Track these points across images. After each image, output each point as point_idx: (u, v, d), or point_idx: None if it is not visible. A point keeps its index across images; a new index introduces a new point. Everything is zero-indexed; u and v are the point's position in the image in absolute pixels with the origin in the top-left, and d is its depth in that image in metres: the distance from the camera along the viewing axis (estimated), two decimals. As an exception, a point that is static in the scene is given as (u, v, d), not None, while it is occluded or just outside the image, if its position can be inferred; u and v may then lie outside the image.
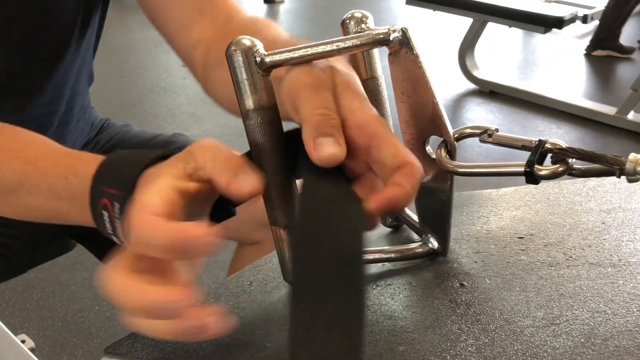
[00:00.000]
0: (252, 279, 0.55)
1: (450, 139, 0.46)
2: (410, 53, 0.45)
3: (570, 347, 0.36)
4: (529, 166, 0.41)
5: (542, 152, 0.41)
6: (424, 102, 0.46)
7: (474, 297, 0.44)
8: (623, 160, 0.38)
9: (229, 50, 0.43)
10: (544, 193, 0.61)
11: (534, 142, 0.42)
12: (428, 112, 0.46)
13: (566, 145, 0.41)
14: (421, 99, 0.46)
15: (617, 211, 0.53)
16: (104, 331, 1.55)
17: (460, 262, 0.49)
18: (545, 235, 0.51)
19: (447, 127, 0.46)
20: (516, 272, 0.46)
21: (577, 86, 3.19)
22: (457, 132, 0.46)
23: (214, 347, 0.45)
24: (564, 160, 0.41)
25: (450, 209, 0.48)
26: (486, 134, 0.45)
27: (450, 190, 0.48)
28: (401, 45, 0.45)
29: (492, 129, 0.45)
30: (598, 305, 0.40)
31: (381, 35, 0.44)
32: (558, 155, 0.41)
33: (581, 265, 0.45)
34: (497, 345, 0.38)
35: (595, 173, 0.40)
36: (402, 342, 0.40)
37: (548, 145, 0.41)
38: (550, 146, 0.41)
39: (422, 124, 0.47)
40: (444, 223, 0.49)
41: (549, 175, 0.41)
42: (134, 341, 0.49)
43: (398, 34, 0.45)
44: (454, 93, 3.06)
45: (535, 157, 0.41)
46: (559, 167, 0.41)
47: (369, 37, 0.44)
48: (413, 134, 0.48)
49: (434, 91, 0.45)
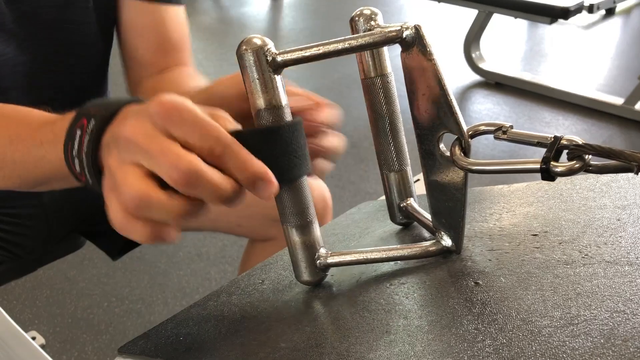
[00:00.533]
0: (264, 277, 0.55)
1: (465, 136, 0.45)
2: (423, 50, 0.45)
3: (590, 347, 0.36)
4: (545, 163, 0.40)
5: (558, 149, 0.41)
6: (437, 99, 0.46)
7: (490, 296, 0.44)
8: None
9: (239, 50, 0.43)
10: (556, 189, 0.60)
11: (550, 138, 0.41)
12: (442, 109, 0.46)
13: (582, 141, 0.40)
14: (434, 96, 0.46)
15: (632, 207, 0.53)
16: (114, 327, 1.55)
17: (474, 260, 0.49)
18: (559, 232, 0.51)
19: (462, 124, 0.45)
20: (531, 270, 0.46)
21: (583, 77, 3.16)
22: (471, 129, 0.46)
23: (228, 347, 0.45)
24: (580, 157, 0.40)
25: (464, 206, 0.48)
26: (500, 131, 0.44)
27: (465, 187, 0.47)
28: (414, 43, 0.45)
29: (506, 126, 0.44)
30: (617, 304, 0.39)
31: (394, 33, 0.44)
32: (574, 152, 0.40)
33: (597, 263, 0.45)
34: (514, 345, 0.37)
35: (612, 169, 0.39)
36: (419, 342, 0.40)
37: (564, 141, 0.41)
38: (567, 142, 0.41)
39: (436, 121, 0.47)
40: (457, 220, 0.49)
41: (565, 172, 0.40)
42: (148, 340, 0.49)
43: (411, 31, 0.44)
44: (460, 85, 3.05)
45: (552, 153, 0.41)
46: (575, 163, 0.40)
47: (382, 34, 0.44)
48: (426, 132, 0.48)
49: (448, 88, 0.45)
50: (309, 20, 4.04)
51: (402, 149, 0.54)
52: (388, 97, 0.52)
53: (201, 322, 0.50)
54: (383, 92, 0.52)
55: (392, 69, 0.52)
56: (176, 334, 0.49)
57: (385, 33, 0.44)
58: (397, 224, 0.58)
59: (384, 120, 0.52)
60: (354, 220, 0.66)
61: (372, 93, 0.52)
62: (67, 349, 1.49)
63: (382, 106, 0.52)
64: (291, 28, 3.89)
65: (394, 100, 0.53)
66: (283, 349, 0.43)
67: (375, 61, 0.51)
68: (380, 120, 0.52)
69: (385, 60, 0.52)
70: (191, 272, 1.78)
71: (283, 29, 3.98)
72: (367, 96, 0.52)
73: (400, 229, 0.58)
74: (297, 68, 0.47)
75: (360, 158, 2.34)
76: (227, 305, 0.51)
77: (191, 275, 1.77)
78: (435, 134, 0.47)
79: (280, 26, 4.06)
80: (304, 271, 0.49)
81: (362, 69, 0.51)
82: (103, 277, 1.75)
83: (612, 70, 3.29)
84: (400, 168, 0.55)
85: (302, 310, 0.48)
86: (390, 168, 0.54)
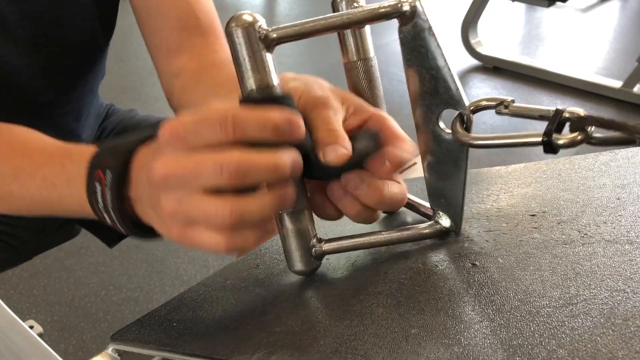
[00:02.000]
0: (258, 262, 0.54)
1: (467, 111, 0.44)
2: (423, 23, 0.43)
3: (590, 327, 0.35)
4: (547, 135, 0.40)
5: (560, 121, 0.40)
6: (437, 74, 0.45)
7: (487, 277, 0.43)
8: None
9: (228, 27, 0.41)
10: (554, 169, 0.60)
11: (552, 111, 0.40)
12: (443, 84, 0.45)
13: (585, 113, 0.39)
14: (434, 71, 0.45)
15: (632, 186, 0.52)
16: (111, 315, 1.55)
17: (471, 241, 0.48)
18: (558, 212, 0.50)
19: (464, 99, 0.44)
20: (529, 250, 0.45)
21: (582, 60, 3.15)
22: (472, 104, 0.45)
23: (222, 332, 0.44)
24: (582, 129, 0.39)
25: (464, 185, 0.47)
26: (502, 106, 0.43)
27: (465, 164, 0.46)
28: (413, 16, 0.43)
29: (508, 100, 0.43)
30: (616, 283, 0.39)
31: (393, 7, 0.43)
32: (577, 124, 0.39)
33: (597, 242, 0.44)
34: (512, 326, 0.37)
35: (614, 142, 0.39)
36: (415, 324, 0.39)
37: (566, 114, 0.40)
38: (569, 115, 0.40)
39: (436, 98, 0.46)
40: (457, 199, 0.48)
41: (568, 144, 0.39)
42: (141, 327, 0.49)
43: (410, 5, 0.43)
44: (458, 70, 3.03)
45: (554, 126, 0.40)
46: (577, 135, 0.39)
47: (380, 9, 0.43)
48: (425, 110, 0.47)
49: (449, 62, 0.44)
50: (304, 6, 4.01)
51: None
52: (371, 81, 0.51)
53: (195, 307, 0.49)
54: (366, 76, 0.50)
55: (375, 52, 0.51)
56: (169, 319, 0.48)
57: (383, 7, 0.43)
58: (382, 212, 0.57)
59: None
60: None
61: (354, 77, 0.50)
62: (65, 338, 1.49)
63: (365, 91, 0.51)
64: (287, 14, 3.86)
65: (377, 84, 0.51)
66: (277, 333, 0.42)
67: (358, 44, 0.50)
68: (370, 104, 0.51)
69: (367, 43, 0.50)
70: (189, 260, 1.78)
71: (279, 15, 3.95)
72: (349, 80, 0.51)
73: (384, 216, 0.57)
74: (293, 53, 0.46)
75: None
76: (222, 290, 0.50)
77: (189, 263, 1.77)
78: (436, 111, 0.46)
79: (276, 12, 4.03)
80: (298, 260, 0.47)
81: (345, 53, 0.50)
82: (100, 265, 1.74)
83: (610, 53, 3.27)
84: None
85: (297, 294, 0.47)
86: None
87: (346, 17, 0.42)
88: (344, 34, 0.49)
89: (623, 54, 3.16)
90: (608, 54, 3.25)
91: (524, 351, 0.34)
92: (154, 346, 0.46)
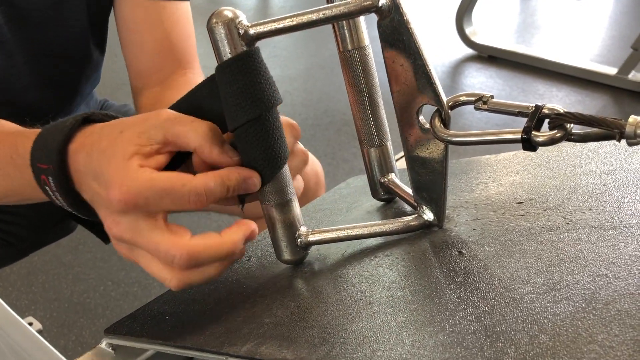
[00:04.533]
0: (250, 254, 0.55)
1: (445, 107, 0.45)
2: (400, 18, 0.44)
3: (571, 312, 0.35)
4: (526, 133, 0.40)
5: (539, 118, 0.40)
6: (416, 70, 0.45)
7: (473, 265, 0.43)
8: (623, 124, 0.37)
9: (210, 23, 0.42)
10: (543, 157, 0.60)
11: (531, 107, 0.41)
12: (421, 79, 0.45)
13: (564, 109, 0.40)
14: (413, 67, 0.45)
15: (617, 172, 0.52)
16: (110, 311, 1.56)
17: (458, 229, 0.49)
18: (544, 199, 0.51)
19: (441, 95, 0.44)
20: (515, 238, 0.45)
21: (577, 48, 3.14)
22: (450, 100, 0.45)
23: (213, 324, 0.45)
24: (561, 126, 0.39)
25: (445, 180, 0.47)
26: (481, 101, 0.44)
27: (445, 160, 0.47)
28: (390, 11, 0.44)
29: (486, 96, 0.44)
30: (599, 268, 0.39)
31: (369, 2, 0.43)
32: (556, 121, 0.40)
33: (581, 228, 0.45)
34: (496, 313, 0.37)
35: (594, 137, 0.39)
36: (401, 312, 0.40)
37: (545, 110, 0.40)
38: (548, 111, 0.40)
39: (415, 93, 0.46)
40: (439, 194, 0.48)
41: (547, 142, 0.39)
42: (134, 321, 0.49)
43: (386, 1, 0.43)
44: (452, 59, 3.02)
45: (533, 123, 0.40)
46: (556, 132, 0.39)
47: (357, 4, 0.43)
48: (405, 104, 0.47)
49: (426, 57, 0.44)
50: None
51: (382, 124, 0.53)
52: (366, 70, 0.51)
53: (187, 300, 0.50)
54: (361, 65, 0.51)
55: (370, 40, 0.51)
56: (162, 313, 0.49)
57: (360, 2, 0.43)
58: (379, 200, 0.58)
59: (363, 94, 0.51)
60: (342, 195, 0.66)
61: (349, 66, 0.51)
62: (64, 334, 1.49)
63: (360, 80, 0.51)
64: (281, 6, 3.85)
65: (373, 73, 0.52)
66: (267, 324, 0.43)
67: (352, 33, 0.50)
68: (358, 94, 0.52)
69: (362, 31, 0.50)
70: (187, 254, 1.78)
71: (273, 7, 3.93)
72: (344, 70, 0.51)
73: (381, 204, 0.58)
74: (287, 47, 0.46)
75: (354, 136, 2.32)
76: (213, 283, 0.51)
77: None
78: (415, 106, 0.46)
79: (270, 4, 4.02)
80: (284, 250, 0.48)
81: (339, 42, 0.50)
82: (98, 261, 1.75)
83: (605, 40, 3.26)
84: (381, 143, 0.54)
85: (287, 285, 0.48)
86: (371, 143, 0.54)
87: (322, 13, 0.42)
88: (339, 23, 0.49)
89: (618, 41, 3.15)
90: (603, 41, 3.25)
91: (507, 337, 0.35)
92: (146, 339, 0.46)
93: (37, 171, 0.45)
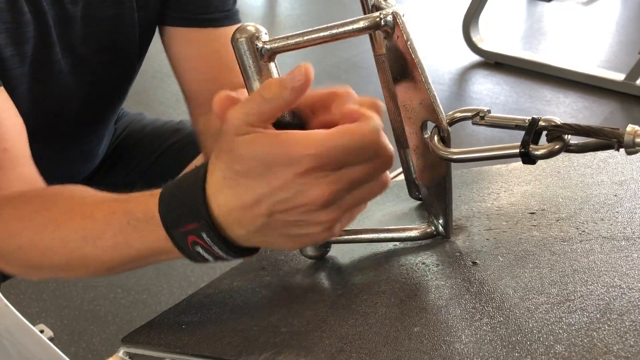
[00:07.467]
0: (264, 264, 0.55)
1: (443, 125, 0.45)
2: (402, 38, 0.44)
3: (586, 322, 0.36)
4: (524, 146, 0.40)
5: (536, 131, 0.40)
6: (416, 87, 0.45)
7: (487, 275, 0.44)
8: (621, 133, 0.37)
9: (234, 37, 0.43)
10: (554, 167, 0.60)
11: (527, 120, 0.41)
12: (421, 96, 0.45)
13: (561, 121, 0.40)
14: (413, 84, 0.45)
15: (629, 183, 0.53)
16: (120, 318, 1.57)
17: (472, 239, 0.49)
18: (557, 209, 0.51)
19: (440, 113, 0.45)
20: (529, 248, 0.46)
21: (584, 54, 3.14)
22: (447, 117, 0.45)
23: (230, 334, 0.45)
24: (559, 137, 0.40)
25: (449, 194, 0.48)
26: (478, 117, 0.44)
27: (448, 175, 0.47)
28: (393, 30, 0.44)
29: (484, 111, 0.44)
30: (612, 279, 0.40)
31: (374, 21, 0.44)
32: (553, 133, 0.40)
33: (594, 239, 0.45)
34: (512, 323, 0.38)
35: (593, 148, 0.39)
36: (417, 323, 0.40)
37: (542, 122, 0.40)
38: (545, 123, 0.40)
39: (417, 109, 0.46)
40: (443, 207, 0.49)
41: (546, 155, 0.40)
42: (151, 330, 0.50)
43: (389, 19, 0.44)
44: (459, 66, 3.03)
45: (530, 136, 0.40)
46: (555, 144, 0.40)
47: (361, 23, 0.44)
48: (408, 120, 0.48)
49: (426, 76, 0.45)
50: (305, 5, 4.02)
51: None
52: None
53: (203, 309, 0.50)
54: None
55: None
56: (178, 322, 0.49)
57: (365, 21, 0.44)
58: (415, 199, 0.58)
59: (397, 97, 0.52)
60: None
61: (384, 70, 0.51)
62: (75, 341, 1.50)
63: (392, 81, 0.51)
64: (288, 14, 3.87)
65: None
66: (284, 333, 0.43)
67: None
68: (393, 97, 0.52)
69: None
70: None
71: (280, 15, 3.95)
72: (380, 73, 0.52)
73: (419, 204, 0.58)
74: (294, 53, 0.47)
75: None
76: (229, 292, 0.52)
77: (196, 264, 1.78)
78: (417, 122, 0.47)
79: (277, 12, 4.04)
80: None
81: (375, 46, 0.51)
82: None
83: (612, 46, 3.26)
84: None
85: (302, 294, 0.48)
86: (406, 144, 0.54)
87: (330, 31, 0.44)
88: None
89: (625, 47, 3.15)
90: (610, 47, 3.25)
91: (523, 347, 0.35)
92: (164, 348, 0.47)
93: (180, 238, 0.44)
